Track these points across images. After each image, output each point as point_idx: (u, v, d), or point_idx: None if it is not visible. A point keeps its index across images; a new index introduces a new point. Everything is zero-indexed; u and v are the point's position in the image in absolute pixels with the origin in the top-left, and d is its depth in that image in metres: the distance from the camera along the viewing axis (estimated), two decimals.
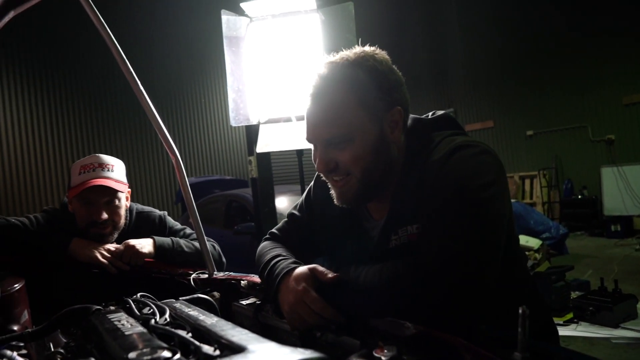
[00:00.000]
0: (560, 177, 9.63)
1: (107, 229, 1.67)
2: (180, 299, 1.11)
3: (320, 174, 1.19)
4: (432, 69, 11.28)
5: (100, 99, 9.03)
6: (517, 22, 9.84)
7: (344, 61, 0.98)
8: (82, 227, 1.67)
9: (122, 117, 9.17)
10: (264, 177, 3.58)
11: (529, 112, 9.92)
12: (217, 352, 0.63)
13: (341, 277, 0.95)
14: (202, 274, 1.53)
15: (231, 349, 0.64)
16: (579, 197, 9.01)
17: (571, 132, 9.43)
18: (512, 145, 10.25)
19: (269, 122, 2.62)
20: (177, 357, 0.59)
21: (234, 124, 2.50)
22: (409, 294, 0.85)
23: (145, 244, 1.66)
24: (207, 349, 0.64)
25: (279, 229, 1.27)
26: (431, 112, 1.11)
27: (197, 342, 0.65)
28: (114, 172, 1.70)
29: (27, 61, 8.31)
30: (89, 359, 0.59)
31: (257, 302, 1.17)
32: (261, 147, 2.56)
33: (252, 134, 3.39)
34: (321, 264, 0.99)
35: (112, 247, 1.65)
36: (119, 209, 1.70)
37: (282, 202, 5.13)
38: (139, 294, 1.08)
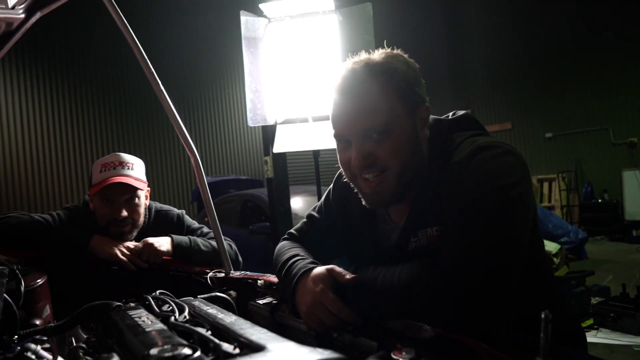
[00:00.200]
0: (580, 181, 9.45)
1: (126, 227, 1.70)
2: (198, 297, 1.12)
3: (341, 177, 1.18)
4: (450, 69, 11.19)
5: (121, 99, 9.18)
6: (538, 23, 9.69)
7: (374, 58, 0.97)
8: (102, 224, 1.70)
9: (142, 118, 9.30)
10: (280, 178, 3.61)
11: (548, 114, 9.76)
12: (236, 351, 0.64)
13: (359, 278, 0.94)
14: (219, 272, 1.54)
15: (250, 348, 0.64)
16: (600, 200, 8.83)
17: (592, 134, 9.25)
18: (530, 147, 10.09)
19: (286, 122, 2.63)
20: (198, 354, 0.59)
21: (251, 124, 2.51)
22: (428, 296, 0.85)
23: (163, 242, 1.68)
24: (227, 347, 0.64)
25: (297, 230, 1.27)
26: (452, 112, 1.10)
27: (217, 340, 0.66)
28: (134, 170, 1.72)
29: (51, 62, 8.48)
30: (112, 354, 0.59)
31: (274, 302, 1.17)
32: (278, 147, 2.57)
33: (268, 134, 3.41)
34: (338, 265, 0.99)
35: (131, 245, 1.67)
36: (139, 207, 1.73)
37: (297, 203, 5.15)
38: (158, 291, 1.09)
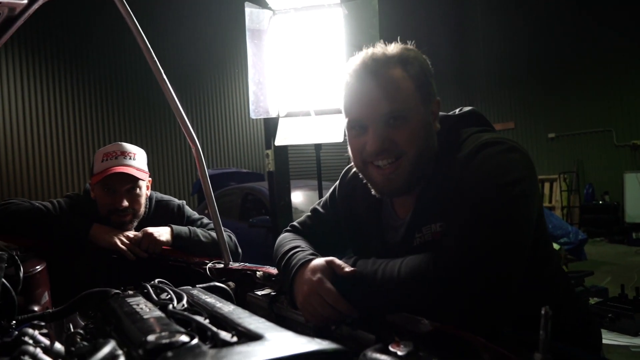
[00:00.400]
0: (581, 182, 9.44)
1: (127, 217, 1.70)
2: (197, 286, 1.12)
3: (348, 173, 1.19)
4: (454, 67, 11.15)
5: (123, 89, 9.16)
6: (543, 24, 9.65)
7: (390, 49, 0.98)
8: (103, 213, 1.70)
9: (144, 108, 9.29)
10: (281, 171, 3.60)
11: (552, 114, 9.74)
12: (234, 339, 0.64)
13: (358, 271, 0.94)
14: (218, 263, 1.54)
15: (248, 337, 0.64)
16: (600, 202, 8.82)
17: (595, 136, 9.23)
18: (532, 147, 10.07)
19: (288, 115, 2.62)
20: (195, 341, 0.59)
21: (253, 116, 2.50)
22: (427, 291, 0.84)
23: (163, 232, 1.68)
24: (225, 335, 0.64)
25: (300, 223, 1.26)
26: (458, 109, 1.10)
27: (215, 328, 0.66)
28: (135, 160, 1.72)
29: (53, 50, 8.46)
30: (109, 339, 0.59)
31: (272, 293, 1.17)
32: (280, 140, 2.56)
33: (270, 127, 3.40)
34: (339, 259, 0.99)
35: (130, 234, 1.67)
36: (140, 197, 1.72)
37: (298, 197, 5.15)
38: (157, 280, 1.09)
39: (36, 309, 1.26)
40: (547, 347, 0.59)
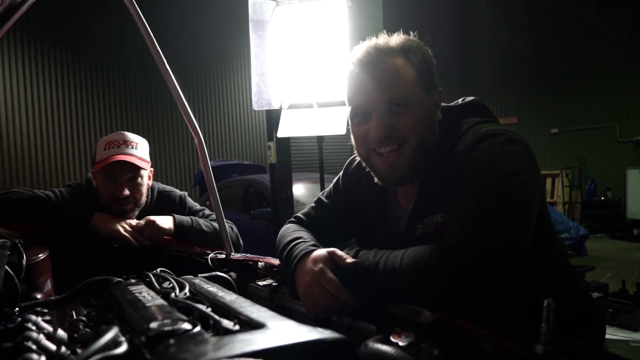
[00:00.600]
0: (583, 177, 9.42)
1: (128, 205, 1.70)
2: (199, 275, 1.12)
3: (352, 164, 1.20)
4: (458, 61, 11.08)
5: (125, 79, 9.14)
6: (548, 19, 9.58)
7: (394, 39, 0.99)
8: (104, 202, 1.70)
9: (146, 99, 9.27)
10: (283, 163, 3.59)
11: (555, 110, 9.69)
12: (236, 327, 0.64)
13: (360, 262, 0.94)
14: (220, 254, 1.54)
15: (250, 325, 0.64)
16: (602, 198, 8.80)
17: (598, 131, 9.19)
18: (535, 142, 10.04)
19: (291, 107, 2.61)
20: (197, 329, 0.59)
21: (256, 107, 2.50)
22: (429, 283, 0.84)
23: (165, 221, 1.69)
24: (227, 323, 0.64)
25: (304, 214, 1.27)
26: (461, 99, 1.10)
27: (217, 317, 0.66)
28: (137, 149, 1.72)
29: (56, 40, 8.43)
30: (112, 326, 0.59)
31: (274, 284, 1.17)
32: (282, 132, 2.55)
33: (272, 119, 3.38)
34: (341, 250, 0.99)
35: (133, 222, 1.68)
36: (141, 186, 1.73)
37: (300, 190, 5.15)
38: (159, 269, 1.09)
39: (39, 296, 1.26)
40: (548, 339, 0.59)
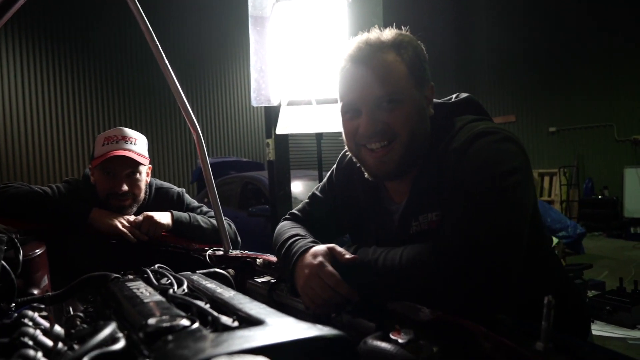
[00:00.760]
0: (581, 176, 9.44)
1: (127, 201, 1.69)
2: (197, 272, 1.11)
3: (345, 157, 1.19)
4: (456, 59, 11.08)
5: (123, 74, 9.10)
6: (547, 18, 9.57)
7: (385, 33, 0.98)
8: (102, 197, 1.69)
9: (144, 95, 9.24)
10: (281, 160, 3.58)
11: (553, 108, 9.70)
12: (235, 324, 0.63)
13: (359, 258, 0.94)
14: (218, 250, 1.54)
15: (249, 322, 0.63)
16: (599, 197, 8.83)
17: (596, 130, 9.20)
18: (533, 141, 10.05)
19: (290, 104, 2.60)
20: (196, 325, 0.59)
21: (255, 104, 2.48)
22: (428, 280, 0.84)
23: (163, 217, 1.68)
24: (226, 319, 0.64)
25: (299, 210, 1.26)
26: (455, 95, 1.09)
27: (216, 313, 0.65)
28: (136, 145, 1.71)
29: (54, 34, 8.39)
30: (109, 321, 0.59)
31: (272, 281, 1.17)
32: (281, 128, 2.54)
33: (271, 116, 3.38)
34: (340, 245, 0.99)
35: (131, 218, 1.67)
36: (140, 182, 1.72)
37: (298, 187, 5.14)
38: (157, 265, 1.09)
39: (35, 292, 1.26)
40: (549, 336, 0.59)
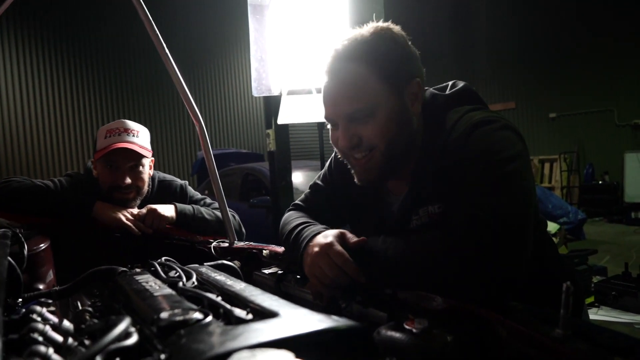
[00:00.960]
0: (581, 162, 9.43)
1: (130, 194, 1.68)
2: (205, 264, 1.10)
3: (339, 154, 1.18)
4: (456, 46, 11.00)
5: (124, 67, 9.05)
6: (545, 3, 9.48)
7: (360, 36, 0.97)
8: (105, 190, 1.68)
9: (145, 87, 9.20)
10: (282, 151, 3.56)
11: (553, 94, 9.66)
12: (249, 316, 0.62)
13: (368, 242, 0.94)
14: (223, 242, 1.53)
15: (263, 314, 0.62)
16: (600, 182, 8.83)
17: (596, 115, 9.17)
18: (533, 127, 10.02)
19: (291, 93, 2.58)
20: (209, 318, 0.58)
21: (255, 94, 2.47)
22: (440, 270, 0.83)
23: (167, 209, 1.67)
24: (239, 312, 0.63)
25: (302, 200, 1.26)
26: (451, 82, 1.08)
27: (228, 306, 0.64)
28: (139, 137, 1.70)
29: (54, 28, 8.32)
30: (122, 316, 0.58)
31: (279, 272, 1.16)
32: (282, 118, 2.53)
33: (271, 106, 3.35)
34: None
35: (134, 211, 1.66)
36: (143, 175, 1.70)
37: (299, 177, 5.13)
38: (163, 258, 1.08)
39: (41, 287, 1.25)
40: (567, 323, 0.58)
